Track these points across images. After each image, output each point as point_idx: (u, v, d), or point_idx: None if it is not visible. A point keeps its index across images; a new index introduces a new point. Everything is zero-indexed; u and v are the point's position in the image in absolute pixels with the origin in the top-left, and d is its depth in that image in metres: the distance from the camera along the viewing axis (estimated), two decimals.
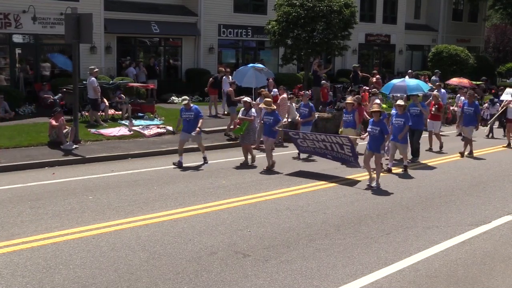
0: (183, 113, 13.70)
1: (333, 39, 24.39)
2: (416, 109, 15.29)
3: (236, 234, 8.67)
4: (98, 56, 23.43)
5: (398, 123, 13.72)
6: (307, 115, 15.60)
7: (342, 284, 6.96)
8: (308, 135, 13.36)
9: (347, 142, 12.44)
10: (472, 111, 16.43)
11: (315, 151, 13.60)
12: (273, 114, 13.46)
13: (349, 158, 12.75)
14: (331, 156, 13.11)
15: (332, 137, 12.78)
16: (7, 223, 8.86)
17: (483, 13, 45.41)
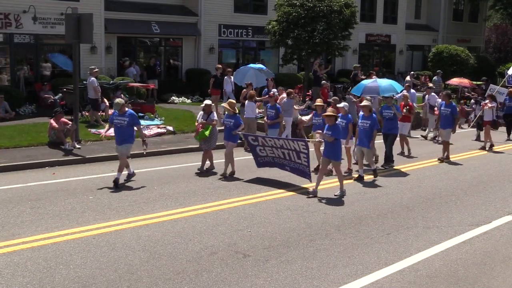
0: (115, 117, 11.64)
1: (334, 39, 24.38)
2: (390, 112, 14.38)
3: (237, 234, 8.68)
4: (99, 56, 23.43)
5: (363, 125, 12.82)
6: (274, 117, 14.80)
7: (342, 284, 6.96)
8: (267, 141, 12.28)
9: (304, 148, 11.45)
10: (449, 112, 15.44)
11: (274, 162, 12.50)
12: (234, 117, 12.66)
13: (304, 168, 11.70)
14: (289, 168, 12.14)
15: (290, 143, 11.82)
16: (8, 223, 8.86)
17: (484, 13, 45.39)
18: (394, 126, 14.52)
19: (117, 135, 11.72)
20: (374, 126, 12.70)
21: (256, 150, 12.62)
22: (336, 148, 11.13)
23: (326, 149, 11.26)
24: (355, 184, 12.35)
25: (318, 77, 23.31)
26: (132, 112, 11.71)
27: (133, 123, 11.60)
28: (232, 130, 12.54)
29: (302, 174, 11.82)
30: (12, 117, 18.56)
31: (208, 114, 12.93)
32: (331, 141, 10.99)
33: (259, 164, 12.84)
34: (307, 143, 11.60)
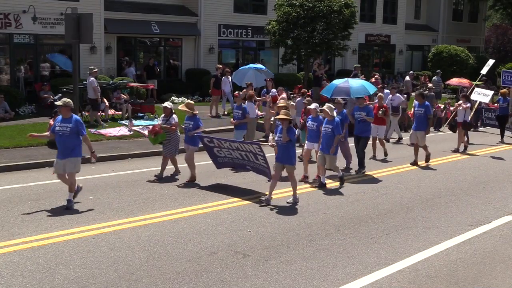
0: (57, 124, 9.81)
1: (333, 39, 24.42)
2: (360, 114, 13.69)
3: (236, 234, 8.67)
4: (98, 56, 23.44)
5: (326, 130, 11.87)
6: (241, 117, 13.99)
7: (342, 284, 6.96)
8: (223, 143, 11.55)
9: (259, 150, 10.85)
10: (423, 113, 14.57)
11: (234, 162, 11.94)
12: (193, 119, 11.96)
13: (265, 169, 11.09)
14: (251, 167, 11.61)
15: (245, 145, 11.24)
16: (8, 223, 8.86)
17: (483, 13, 45.42)
18: (367, 129, 13.81)
19: (58, 146, 9.79)
20: (336, 130, 11.78)
21: (214, 151, 11.97)
22: (291, 151, 10.48)
23: (280, 152, 10.60)
24: (355, 184, 12.35)
25: (318, 77, 23.31)
26: (77, 118, 9.87)
27: (77, 130, 9.72)
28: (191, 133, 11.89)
29: (263, 173, 11.38)
30: (11, 117, 18.56)
31: (168, 117, 12.13)
32: (286, 140, 10.34)
33: (218, 164, 12.24)
34: (260, 145, 11.01)
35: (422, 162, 14.60)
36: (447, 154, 16.52)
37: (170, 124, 12.03)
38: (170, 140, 12.08)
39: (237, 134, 14.11)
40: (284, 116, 10.44)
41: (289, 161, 10.49)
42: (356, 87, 14.10)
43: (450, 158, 15.98)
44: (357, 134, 13.80)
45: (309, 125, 12.51)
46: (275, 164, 10.68)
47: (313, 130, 12.34)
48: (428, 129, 14.73)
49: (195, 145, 12.02)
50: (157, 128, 12.09)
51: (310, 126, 12.45)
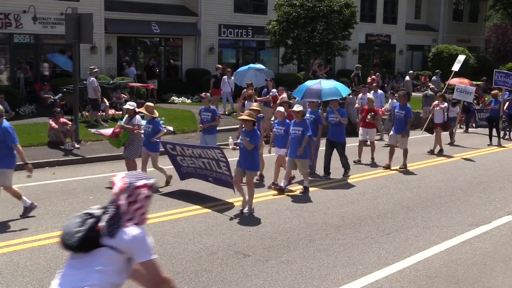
0: None
1: (333, 39, 24.43)
2: (335, 117, 12.96)
3: (236, 234, 8.68)
4: (99, 56, 23.44)
5: (295, 133, 11.22)
6: (210, 120, 12.94)
7: (342, 284, 6.96)
8: (185, 150, 10.95)
9: (222, 156, 10.18)
10: (403, 115, 13.92)
11: (197, 173, 11.22)
12: (153, 122, 11.33)
13: (227, 178, 10.43)
14: (212, 179, 10.91)
15: (208, 151, 10.56)
16: (8, 223, 8.86)
17: (484, 13, 45.42)
18: (341, 133, 13.05)
19: None
20: (306, 132, 11.13)
21: (177, 160, 11.32)
22: (255, 155, 9.85)
23: (242, 156, 9.88)
24: (355, 184, 12.35)
25: (318, 77, 23.30)
26: (6, 126, 8.74)
27: (5, 139, 8.66)
28: (150, 137, 11.25)
29: (225, 184, 10.61)
30: (12, 117, 18.55)
31: (131, 118, 11.54)
32: (250, 148, 9.66)
33: (182, 175, 11.52)
34: (223, 150, 10.34)
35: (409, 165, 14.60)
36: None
37: (132, 124, 11.43)
38: (132, 141, 11.51)
39: (207, 139, 12.88)
40: (246, 116, 9.81)
41: (251, 167, 9.81)
42: (328, 89, 13.26)
43: (450, 158, 15.98)
44: (331, 138, 13.10)
45: (276, 130, 11.79)
46: (235, 168, 9.95)
47: (281, 135, 11.64)
48: (405, 132, 13.89)
49: (156, 150, 11.37)
50: (117, 130, 11.66)
51: (277, 131, 11.73)
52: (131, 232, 3.64)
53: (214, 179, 10.87)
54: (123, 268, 3.66)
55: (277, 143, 11.79)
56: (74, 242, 3.61)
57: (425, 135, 17.68)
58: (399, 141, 14.00)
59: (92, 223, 3.64)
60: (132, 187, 3.70)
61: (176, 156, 11.24)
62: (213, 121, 12.97)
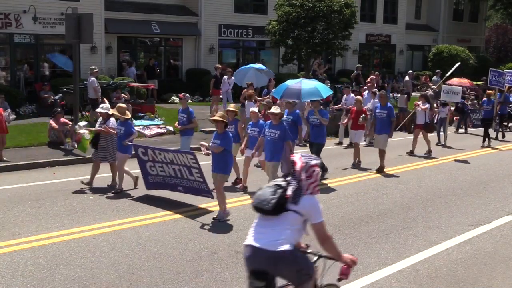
0: None
1: (334, 39, 24.42)
2: (315, 119, 12.51)
3: (237, 234, 8.67)
4: (99, 56, 23.44)
5: (271, 136, 10.67)
6: (186, 122, 12.53)
7: (342, 284, 6.94)
8: (157, 155, 10.40)
9: (194, 162, 9.72)
10: (385, 115, 13.57)
11: (165, 183, 10.62)
12: (125, 124, 10.90)
13: (200, 185, 9.96)
14: (182, 187, 10.37)
15: (180, 157, 10.00)
16: (8, 223, 8.87)
17: (484, 13, 45.41)
18: (321, 134, 12.60)
19: None
20: (284, 136, 10.67)
21: (146, 167, 10.74)
22: (227, 159, 9.41)
23: (213, 161, 9.45)
24: (355, 184, 12.35)
25: (317, 77, 23.30)
26: None
27: None
28: (123, 140, 10.82)
29: (199, 192, 10.11)
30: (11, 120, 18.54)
31: (105, 121, 11.18)
32: (217, 151, 9.28)
33: (148, 184, 10.90)
34: (196, 156, 9.84)
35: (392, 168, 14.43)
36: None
37: (105, 126, 11.11)
38: (105, 144, 11.14)
39: (183, 141, 12.61)
40: (218, 117, 9.36)
41: (222, 170, 9.38)
42: (308, 90, 12.73)
43: (450, 158, 15.97)
44: (311, 140, 12.72)
45: (250, 132, 11.44)
46: (212, 174, 9.53)
47: (255, 137, 11.22)
48: (391, 132, 13.66)
49: (127, 152, 11.00)
50: (79, 137, 11.50)
51: (251, 133, 11.38)
52: (309, 200, 4.68)
53: (185, 188, 10.33)
54: (302, 227, 4.75)
55: (251, 145, 11.36)
56: (269, 207, 4.57)
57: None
58: (380, 141, 13.65)
59: (282, 193, 4.61)
60: (308, 166, 4.72)
61: (146, 162, 10.67)
62: (189, 123, 12.58)
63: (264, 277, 4.63)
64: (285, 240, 4.57)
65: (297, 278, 4.67)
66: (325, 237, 4.80)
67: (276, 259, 4.55)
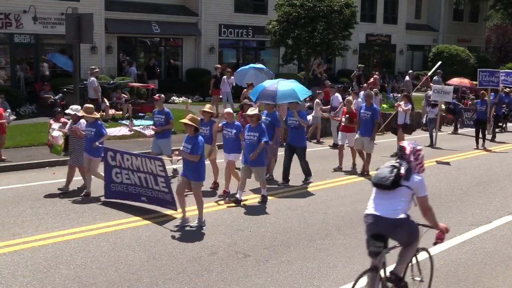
0: None
1: (334, 39, 24.44)
2: (294, 120, 11.99)
3: (237, 234, 8.68)
4: (99, 56, 23.44)
5: (250, 139, 10.30)
6: (163, 123, 12.13)
7: (342, 284, 6.96)
8: (125, 161, 9.84)
9: (161, 170, 9.26)
10: (369, 116, 13.02)
11: (128, 192, 10.07)
12: (95, 125, 10.45)
13: (164, 196, 9.46)
14: (146, 197, 9.82)
15: (147, 163, 9.47)
16: (8, 223, 8.87)
17: (484, 13, 45.41)
18: (302, 137, 12.16)
19: None
20: (262, 137, 10.29)
21: (112, 174, 10.18)
22: (199, 164, 8.88)
23: (185, 166, 9.01)
24: (355, 184, 12.34)
25: (317, 77, 23.31)
26: None
27: None
28: (93, 142, 10.35)
29: (162, 203, 9.58)
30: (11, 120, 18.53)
31: (75, 122, 10.83)
32: (192, 159, 8.82)
33: (109, 193, 10.32)
34: (164, 163, 9.38)
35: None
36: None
37: (70, 129, 10.80)
38: (76, 147, 10.80)
39: (161, 143, 12.21)
40: (187, 120, 8.89)
41: (195, 176, 8.91)
42: (284, 91, 12.18)
43: (449, 158, 15.96)
44: (290, 143, 12.14)
45: (225, 133, 10.87)
46: (181, 178, 9.08)
47: (230, 139, 10.77)
48: (373, 134, 13.08)
49: (98, 155, 10.41)
50: (50, 142, 11.30)
51: (226, 134, 10.83)
52: (417, 177, 5.80)
53: (148, 198, 9.80)
54: (411, 199, 5.78)
55: (225, 147, 10.94)
56: (388, 183, 5.62)
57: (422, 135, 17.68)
58: (365, 144, 13.08)
59: (397, 171, 5.67)
60: (415, 150, 5.83)
61: (113, 168, 10.12)
62: (167, 124, 12.23)
63: (383, 239, 5.70)
64: (401, 210, 5.64)
65: (408, 240, 5.79)
66: (427, 208, 5.80)
67: (395, 225, 5.62)
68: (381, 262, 5.82)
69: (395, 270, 5.94)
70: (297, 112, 12.02)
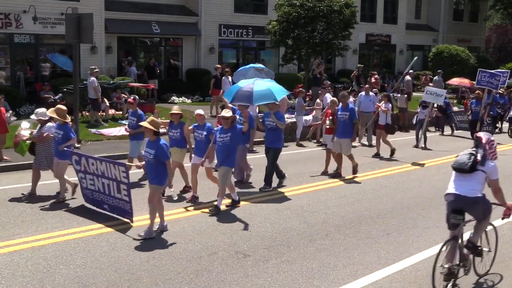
0: None
1: (334, 39, 24.43)
2: (272, 122, 11.57)
3: (237, 234, 8.68)
4: (99, 56, 23.45)
5: (223, 140, 9.81)
6: (135, 126, 11.71)
7: (342, 284, 6.96)
8: (90, 165, 9.44)
9: (125, 177, 8.82)
10: (347, 117, 12.64)
11: (94, 198, 9.71)
12: (64, 128, 10.08)
13: (124, 205, 9.04)
14: (108, 206, 9.41)
15: (112, 168, 9.01)
16: (8, 223, 8.87)
17: (484, 13, 45.43)
18: (278, 138, 11.61)
19: None
20: (235, 139, 9.92)
21: (79, 177, 9.93)
22: (160, 169, 8.51)
23: (149, 171, 8.72)
24: (355, 184, 12.34)
25: (317, 77, 23.31)
26: None
27: None
28: (59, 145, 10.01)
29: (122, 213, 9.17)
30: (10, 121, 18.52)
31: (41, 126, 10.58)
32: (152, 162, 8.48)
33: (85, 196, 10.04)
34: (128, 169, 8.91)
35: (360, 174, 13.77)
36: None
37: (39, 134, 10.51)
38: (40, 150, 10.51)
39: (133, 146, 11.96)
40: (147, 124, 8.46)
41: (156, 181, 8.52)
42: (260, 92, 11.47)
43: (450, 158, 15.96)
44: (267, 144, 11.76)
45: (196, 135, 10.48)
46: (150, 185, 8.72)
47: (202, 141, 10.37)
48: (354, 135, 12.80)
49: (65, 158, 10.05)
50: (17, 139, 11.06)
51: (197, 137, 10.45)
52: (491, 163, 6.91)
53: (110, 207, 9.39)
54: (485, 181, 6.90)
55: (196, 150, 10.53)
56: (467, 167, 6.74)
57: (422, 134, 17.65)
58: (342, 146, 12.68)
59: (474, 158, 6.75)
60: (490, 140, 6.96)
61: (78, 173, 9.83)
62: (139, 127, 11.42)
63: (462, 213, 6.75)
64: (478, 190, 6.75)
65: (482, 215, 6.93)
66: (498, 190, 6.92)
67: (473, 202, 6.72)
68: (460, 233, 6.80)
69: (471, 239, 6.99)
70: (274, 113, 11.60)
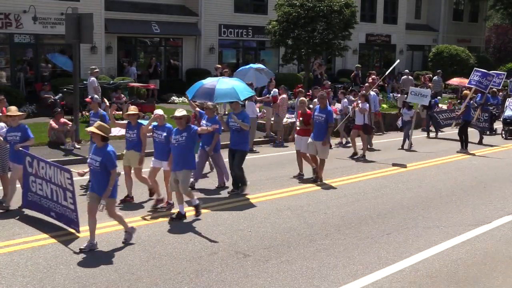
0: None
1: (334, 39, 24.45)
2: (236, 123, 11.01)
3: (237, 234, 8.68)
4: (99, 56, 23.45)
5: (178, 140, 9.24)
6: None
7: (342, 284, 6.97)
8: (40, 169, 8.96)
9: (70, 184, 8.36)
10: (323, 119, 12.08)
11: (41, 204, 9.17)
12: (20, 129, 9.55)
13: (70, 214, 8.54)
14: (55, 213, 8.90)
15: (58, 174, 8.56)
16: (8, 223, 8.87)
17: (484, 13, 45.42)
18: (243, 140, 11.13)
19: None
20: (193, 140, 9.40)
21: (29, 182, 9.33)
22: (103, 180, 7.88)
23: (92, 179, 8.14)
24: (355, 184, 12.34)
25: (317, 77, 23.32)
26: None
27: None
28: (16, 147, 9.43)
29: (68, 222, 8.67)
30: None
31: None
32: (98, 170, 7.88)
33: (26, 202, 9.51)
34: (72, 175, 8.38)
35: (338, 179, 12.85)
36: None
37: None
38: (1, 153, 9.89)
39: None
40: (94, 129, 7.93)
41: (101, 192, 7.93)
42: (222, 90, 11.17)
43: (450, 158, 15.97)
44: (231, 146, 11.19)
45: (155, 137, 9.95)
46: (89, 194, 8.18)
47: (161, 142, 9.79)
48: (326, 139, 12.11)
49: (20, 163, 9.44)
50: None
51: (157, 138, 9.88)
52: None
53: (57, 214, 8.89)
54: None
55: (156, 152, 9.97)
56: None
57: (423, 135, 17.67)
58: (318, 149, 12.15)
59: None
60: None
61: (30, 176, 9.30)
62: None
63: None
64: None
65: None
66: None
67: None
68: None
69: None
70: (239, 114, 11.11)
